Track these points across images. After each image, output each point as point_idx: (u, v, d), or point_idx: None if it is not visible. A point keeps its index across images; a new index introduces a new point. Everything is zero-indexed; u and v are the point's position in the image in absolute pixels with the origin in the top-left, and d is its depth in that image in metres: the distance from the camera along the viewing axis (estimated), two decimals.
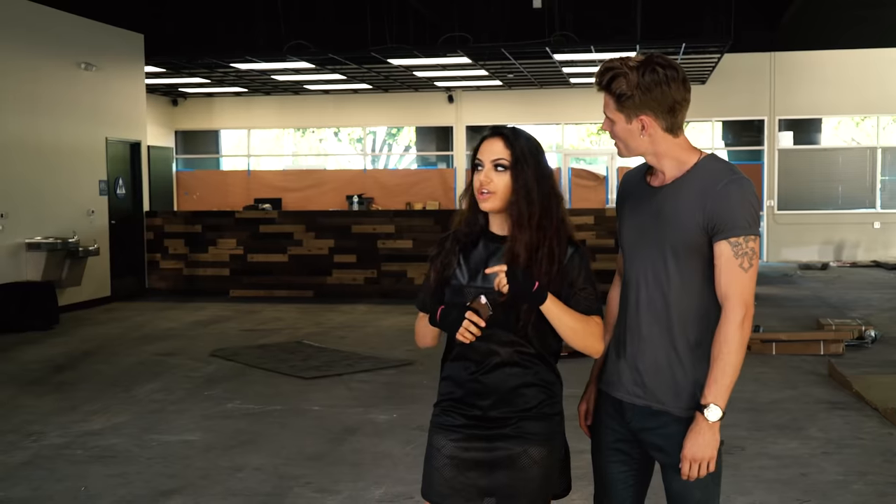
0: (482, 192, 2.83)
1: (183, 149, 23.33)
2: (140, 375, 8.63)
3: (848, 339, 9.57)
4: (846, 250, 19.54)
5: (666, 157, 2.81)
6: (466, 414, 2.88)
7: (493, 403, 2.85)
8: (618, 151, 2.90)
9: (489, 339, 2.82)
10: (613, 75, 2.74)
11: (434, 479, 2.91)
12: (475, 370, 2.87)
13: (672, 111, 2.75)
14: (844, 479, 5.55)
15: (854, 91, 19.36)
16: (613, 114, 2.78)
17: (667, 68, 2.73)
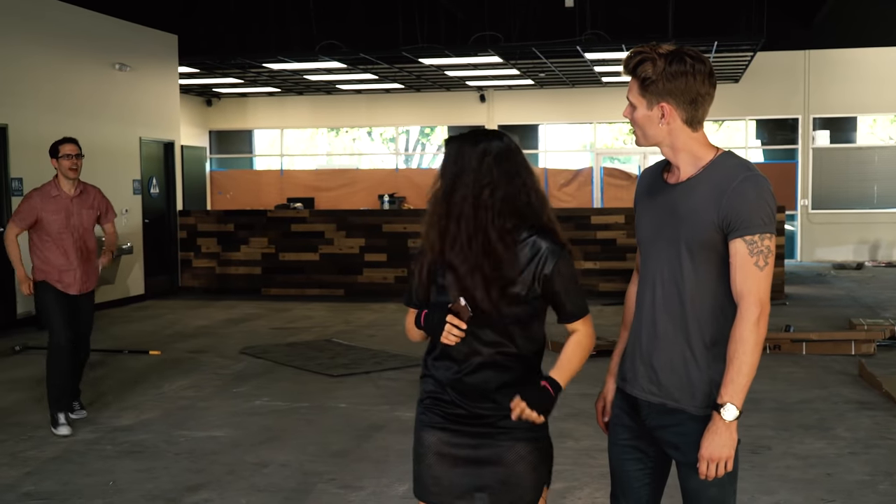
0: None
1: (217, 148, 23.51)
2: (171, 372, 8.72)
3: (880, 339, 9.48)
4: (882, 250, 19.31)
5: (682, 150, 2.81)
6: (451, 412, 2.89)
7: (477, 403, 2.87)
8: (636, 139, 2.90)
9: (471, 340, 2.84)
10: (641, 59, 2.74)
11: (425, 479, 2.94)
12: (458, 370, 2.88)
13: (694, 103, 2.75)
14: (871, 478, 5.51)
15: (890, 89, 19.13)
16: (636, 98, 2.79)
17: (695, 60, 2.73)
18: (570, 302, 2.89)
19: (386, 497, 5.27)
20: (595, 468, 5.44)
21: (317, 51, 15.27)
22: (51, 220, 6.75)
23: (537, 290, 2.83)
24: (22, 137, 11.62)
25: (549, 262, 2.83)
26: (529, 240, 2.84)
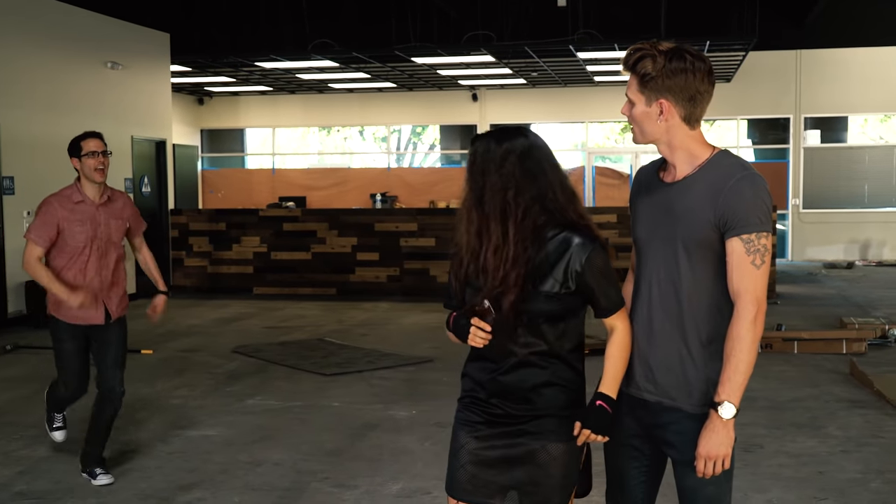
0: None
1: (208, 147, 23.47)
2: (163, 371, 8.71)
3: (871, 338, 9.51)
4: (872, 249, 19.37)
5: (679, 148, 2.82)
6: (488, 412, 2.90)
7: (514, 403, 2.87)
8: (633, 137, 2.90)
9: (505, 340, 2.83)
10: (641, 56, 2.75)
11: (458, 476, 2.95)
12: (494, 370, 2.88)
13: (693, 101, 2.76)
14: (863, 477, 5.53)
15: (881, 89, 19.19)
16: (635, 94, 2.79)
17: (695, 58, 2.74)
18: (605, 297, 2.85)
19: (380, 496, 5.27)
20: (595, 467, 5.45)
21: (309, 50, 15.26)
22: (74, 233, 5.40)
23: (571, 286, 2.80)
24: (13, 135, 11.58)
25: (580, 258, 2.80)
26: (559, 236, 2.81)
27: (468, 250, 2.88)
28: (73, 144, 5.46)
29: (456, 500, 2.98)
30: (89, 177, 5.41)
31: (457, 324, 2.85)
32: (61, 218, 5.38)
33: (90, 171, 5.39)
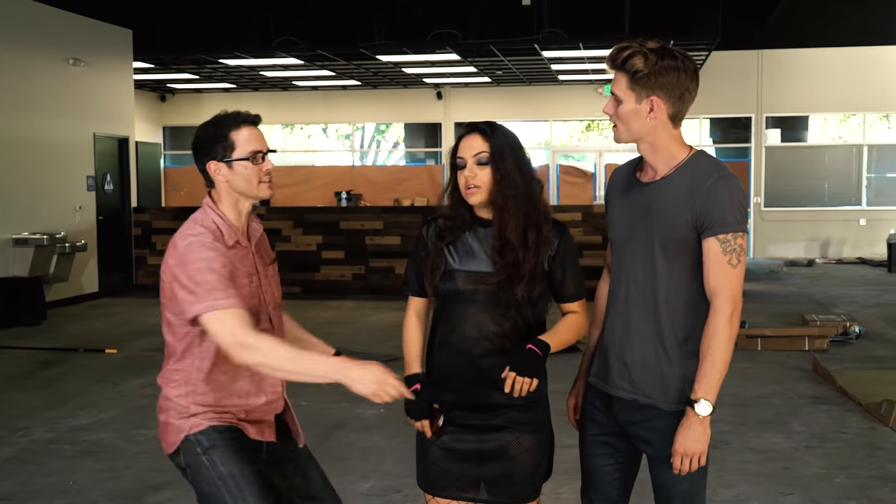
0: (469, 188, 2.89)
1: (171, 144, 23.29)
2: (128, 371, 8.63)
3: (832, 335, 9.64)
4: (832, 247, 19.64)
5: (661, 148, 2.84)
6: (459, 404, 2.93)
7: (487, 393, 2.90)
8: (615, 136, 2.90)
9: (477, 330, 2.88)
10: (631, 53, 2.77)
11: (431, 472, 2.98)
12: (463, 359, 2.92)
13: (681, 99, 2.80)
14: (827, 472, 5.61)
15: (841, 89, 19.44)
16: (624, 92, 2.80)
17: (684, 57, 2.79)
18: (573, 282, 2.97)
19: (350, 494, 5.26)
20: (559, 463, 5.48)
21: (274, 47, 15.18)
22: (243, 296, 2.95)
23: (545, 267, 2.93)
24: None
25: (554, 242, 2.93)
26: None
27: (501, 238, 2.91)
28: (214, 135, 3.03)
29: (432, 496, 3.00)
30: (252, 192, 3.05)
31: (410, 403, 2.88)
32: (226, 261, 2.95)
33: (253, 185, 3.04)
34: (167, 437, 3.00)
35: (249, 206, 3.11)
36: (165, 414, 3.00)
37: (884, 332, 10.34)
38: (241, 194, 3.06)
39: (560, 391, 3.35)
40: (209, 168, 3.03)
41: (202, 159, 3.04)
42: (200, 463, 2.93)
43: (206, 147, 3.03)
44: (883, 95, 19.45)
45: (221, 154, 3.02)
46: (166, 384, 3.01)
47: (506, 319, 2.89)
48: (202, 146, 3.04)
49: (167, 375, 3.02)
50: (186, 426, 2.96)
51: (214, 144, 3.02)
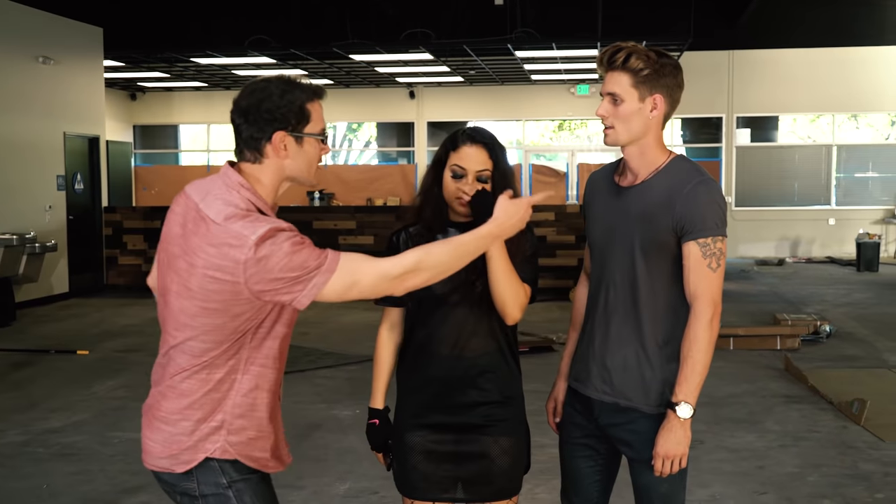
0: (463, 199, 2.88)
1: (141, 143, 23.14)
2: (100, 372, 8.57)
3: (804, 334, 9.72)
4: (802, 246, 19.81)
5: (647, 150, 2.85)
6: (436, 405, 2.93)
7: (463, 392, 2.91)
8: (609, 138, 2.87)
9: (453, 331, 2.89)
10: (630, 52, 2.78)
11: (411, 477, 2.97)
12: (443, 360, 2.92)
13: (675, 101, 2.85)
14: (801, 471, 5.66)
15: (810, 89, 19.63)
16: (626, 90, 2.79)
17: (673, 59, 2.83)
18: (522, 270, 2.89)
19: (327, 496, 5.26)
20: (535, 464, 5.50)
21: (246, 46, 15.12)
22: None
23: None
24: None
25: (528, 249, 2.93)
26: None
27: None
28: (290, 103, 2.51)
29: (411, 499, 3.00)
30: (304, 177, 2.62)
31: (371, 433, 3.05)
32: None
33: (312, 169, 2.64)
34: (175, 454, 2.52)
35: (284, 191, 2.64)
36: (172, 426, 2.52)
37: (854, 332, 10.44)
38: (293, 177, 2.58)
39: (534, 391, 3.36)
40: (275, 139, 2.49)
41: (268, 126, 2.48)
42: (226, 498, 2.51)
43: (279, 112, 2.49)
44: (851, 96, 19.65)
45: (294, 125, 2.51)
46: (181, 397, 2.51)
47: (481, 319, 2.89)
48: (273, 110, 2.48)
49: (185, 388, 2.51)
50: (209, 445, 2.50)
51: (288, 112, 2.50)
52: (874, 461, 5.82)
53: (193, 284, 2.42)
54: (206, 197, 2.46)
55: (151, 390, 2.61)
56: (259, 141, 2.49)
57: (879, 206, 19.81)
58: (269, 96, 2.48)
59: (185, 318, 2.46)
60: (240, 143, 2.53)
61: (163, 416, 2.52)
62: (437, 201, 2.95)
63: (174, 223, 2.53)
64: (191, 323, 2.45)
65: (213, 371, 2.49)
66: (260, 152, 2.51)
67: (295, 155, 2.53)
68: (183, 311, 2.46)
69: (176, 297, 2.47)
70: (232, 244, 2.35)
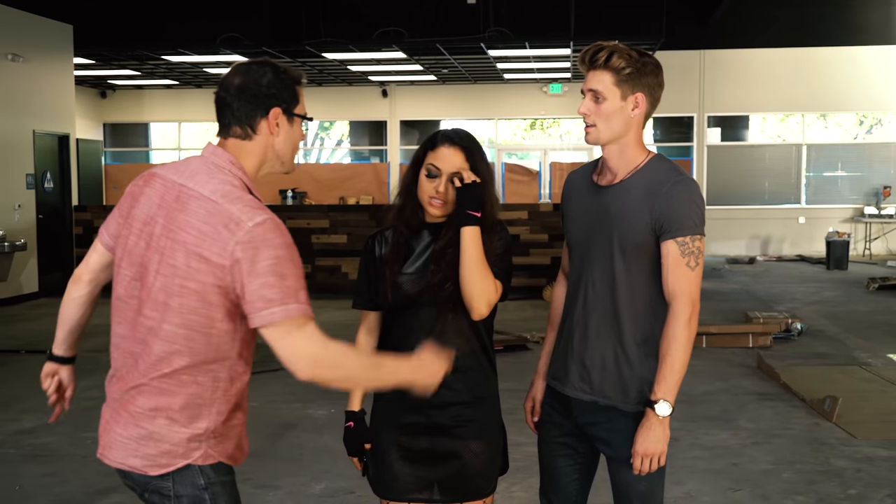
0: (434, 200, 2.86)
1: (111, 142, 22.96)
2: None
3: (775, 332, 9.80)
4: (772, 245, 19.97)
5: (627, 148, 2.86)
6: (408, 405, 2.91)
7: (435, 395, 2.89)
8: (590, 137, 2.87)
9: (427, 332, 2.88)
10: (612, 51, 2.79)
11: (384, 477, 2.96)
12: None
13: (656, 100, 2.86)
14: (775, 468, 5.70)
15: (779, 89, 19.77)
16: (608, 89, 2.80)
17: (654, 59, 2.84)
18: (493, 266, 2.87)
19: (303, 496, 5.24)
20: (516, 462, 5.51)
21: (218, 43, 15.04)
22: None
23: None
24: None
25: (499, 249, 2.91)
26: None
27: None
28: (284, 82, 2.57)
29: (387, 501, 2.99)
30: (287, 159, 2.65)
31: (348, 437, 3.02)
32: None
33: (294, 153, 2.68)
34: (153, 455, 2.45)
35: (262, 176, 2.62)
36: (148, 424, 2.45)
37: (825, 329, 10.53)
38: (277, 158, 2.60)
39: (508, 389, 3.36)
40: (271, 115, 2.52)
41: (266, 102, 2.51)
42: (201, 500, 2.47)
43: (276, 90, 2.53)
44: (820, 96, 19.83)
45: (288, 104, 2.56)
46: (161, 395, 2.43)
47: (451, 320, 2.88)
48: (270, 86, 2.52)
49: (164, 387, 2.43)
50: (193, 452, 2.45)
51: (284, 91, 2.55)
52: (846, 457, 5.87)
53: (179, 261, 2.37)
54: (194, 177, 2.45)
55: (118, 381, 2.52)
56: (254, 117, 2.51)
57: (849, 205, 20.00)
58: (265, 74, 2.51)
59: (163, 297, 2.38)
60: (229, 121, 2.53)
61: (137, 412, 2.44)
62: (414, 200, 2.94)
63: (149, 205, 2.47)
64: (169, 302, 2.38)
65: (197, 374, 2.42)
66: (253, 129, 2.52)
67: (285, 134, 2.56)
68: (163, 288, 2.38)
69: (156, 275, 2.40)
70: (227, 225, 2.33)
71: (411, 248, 2.94)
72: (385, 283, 2.92)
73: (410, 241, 2.94)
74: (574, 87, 20.56)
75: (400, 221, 2.96)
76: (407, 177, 2.96)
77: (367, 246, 3.00)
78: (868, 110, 20.98)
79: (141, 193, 2.51)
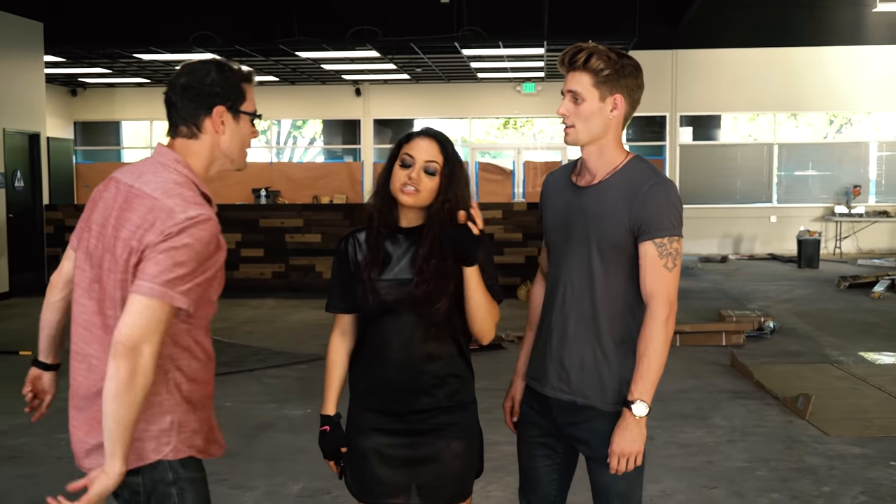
0: (407, 188, 2.84)
1: (82, 140, 22.79)
2: None
3: (748, 331, 9.87)
4: (744, 243, 20.11)
5: (606, 149, 2.87)
6: (388, 411, 2.92)
7: (415, 399, 2.90)
8: (569, 137, 2.89)
9: (405, 337, 2.88)
10: (591, 53, 2.80)
11: (364, 481, 2.96)
12: (395, 367, 2.90)
13: (635, 101, 2.87)
14: (749, 465, 5.74)
15: (750, 89, 19.90)
16: (587, 90, 2.81)
17: (634, 60, 2.85)
18: (487, 283, 2.91)
19: (280, 496, 5.23)
20: (488, 461, 5.52)
21: (190, 42, 14.95)
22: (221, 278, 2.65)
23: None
24: None
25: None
26: None
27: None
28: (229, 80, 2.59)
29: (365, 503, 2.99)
30: (236, 157, 2.67)
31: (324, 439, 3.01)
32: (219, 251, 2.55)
33: (244, 150, 2.70)
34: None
35: (214, 174, 2.66)
36: None
37: (797, 328, 10.62)
38: (226, 156, 2.63)
39: (484, 388, 3.36)
40: (214, 113, 2.55)
41: (208, 101, 2.54)
42: (168, 495, 2.52)
43: (218, 88, 2.55)
44: (791, 95, 19.97)
45: (233, 102, 2.58)
46: None
47: (431, 325, 2.88)
48: (213, 85, 2.55)
49: None
50: (163, 447, 2.50)
51: (228, 88, 2.57)
52: (820, 455, 5.93)
53: (121, 257, 2.46)
54: (142, 177, 2.52)
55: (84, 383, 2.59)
56: (198, 116, 2.56)
57: (819, 204, 20.17)
58: (209, 73, 2.56)
59: (119, 294, 2.47)
60: (176, 120, 2.59)
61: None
62: (386, 200, 2.91)
63: (105, 207, 2.55)
64: (120, 298, 2.47)
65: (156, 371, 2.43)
66: (198, 127, 2.57)
67: (231, 132, 2.60)
68: (115, 285, 2.47)
69: (108, 273, 2.48)
70: (162, 218, 2.41)
71: (387, 253, 2.91)
72: (363, 289, 2.90)
73: (386, 246, 2.91)
74: (547, 86, 20.63)
75: (377, 223, 2.93)
76: (382, 175, 2.94)
77: (340, 248, 2.98)
78: (838, 110, 21.21)
79: (100, 198, 2.60)
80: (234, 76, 2.58)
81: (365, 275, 2.89)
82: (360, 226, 2.99)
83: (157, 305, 2.35)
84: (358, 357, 3.00)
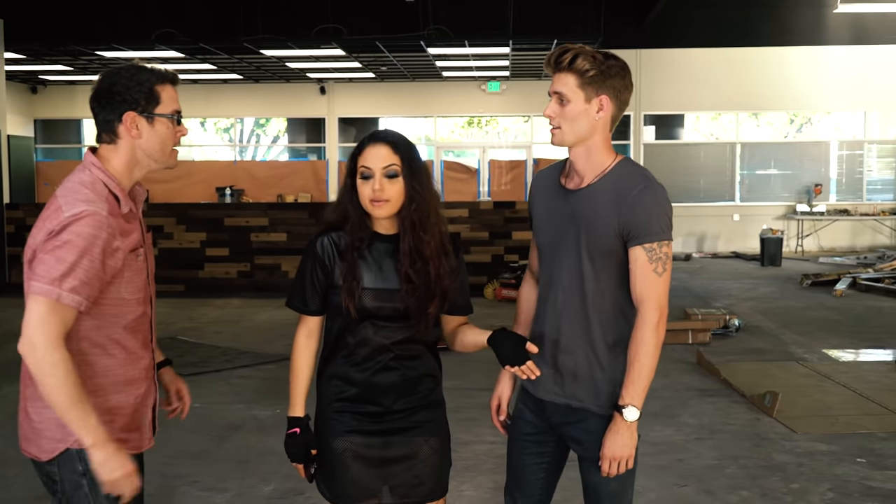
0: (376, 201, 2.80)
1: (43, 138, 22.52)
2: (7, 374, 8.30)
3: (714, 329, 9.95)
4: (708, 242, 20.28)
5: (594, 151, 2.87)
6: (362, 412, 2.90)
7: (391, 399, 2.90)
8: (555, 138, 2.88)
9: (381, 337, 2.87)
10: (576, 54, 2.79)
11: (341, 484, 2.93)
12: (369, 368, 2.89)
13: (623, 102, 2.87)
14: (718, 463, 5.79)
15: (712, 88, 20.09)
16: (573, 91, 2.81)
17: (621, 61, 2.85)
18: (465, 295, 3.01)
19: (251, 497, 5.20)
20: (461, 461, 5.52)
21: (153, 39, 14.81)
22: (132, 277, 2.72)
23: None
24: None
25: (452, 256, 2.93)
26: None
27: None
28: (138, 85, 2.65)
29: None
30: (159, 157, 2.75)
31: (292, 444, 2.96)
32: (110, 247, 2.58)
33: (167, 149, 2.76)
34: (38, 441, 2.60)
35: (142, 174, 2.75)
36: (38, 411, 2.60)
37: (761, 325, 10.72)
38: (149, 158, 2.71)
39: (454, 388, 3.37)
40: (125, 119, 2.63)
41: (118, 107, 2.63)
42: (79, 486, 2.58)
43: (128, 94, 2.63)
44: (752, 95, 20.19)
45: (144, 106, 2.65)
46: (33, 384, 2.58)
47: (408, 327, 2.87)
48: (122, 92, 2.63)
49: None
50: (69, 436, 2.55)
51: (137, 93, 2.64)
52: (788, 452, 5.99)
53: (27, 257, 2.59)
54: (63, 183, 2.65)
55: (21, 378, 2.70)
56: (111, 122, 2.65)
57: (781, 203, 20.39)
58: (119, 80, 2.64)
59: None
60: (98, 128, 2.70)
61: (27, 405, 2.65)
62: (357, 212, 2.87)
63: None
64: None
65: None
66: (114, 133, 2.67)
67: (147, 135, 2.68)
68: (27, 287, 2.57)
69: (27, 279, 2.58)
70: (51, 217, 2.53)
71: (366, 261, 2.87)
72: (345, 296, 2.84)
73: (365, 254, 2.87)
74: (512, 85, 20.67)
75: (352, 234, 2.87)
76: (344, 190, 2.89)
77: (313, 248, 2.90)
78: (798, 109, 21.45)
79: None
80: (145, 79, 2.65)
81: (346, 284, 2.84)
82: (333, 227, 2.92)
83: (43, 301, 2.46)
84: (332, 358, 2.95)
